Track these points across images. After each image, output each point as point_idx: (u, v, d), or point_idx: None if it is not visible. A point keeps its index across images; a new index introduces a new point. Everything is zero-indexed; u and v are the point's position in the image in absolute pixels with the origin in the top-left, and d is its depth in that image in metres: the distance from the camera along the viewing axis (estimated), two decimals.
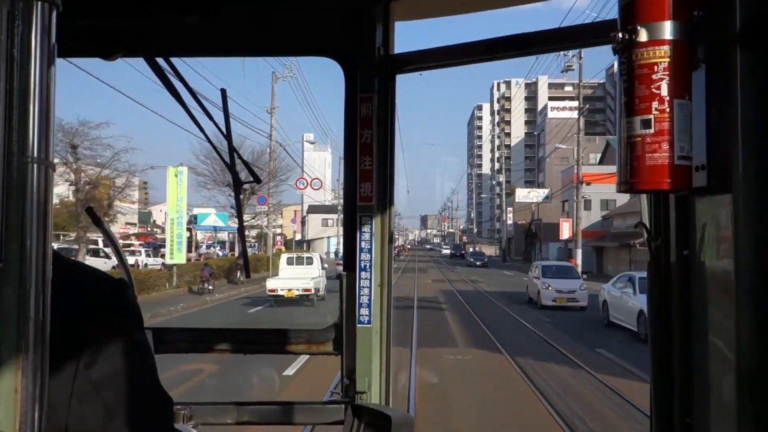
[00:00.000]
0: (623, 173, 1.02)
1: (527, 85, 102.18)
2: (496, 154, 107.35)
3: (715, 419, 1.02)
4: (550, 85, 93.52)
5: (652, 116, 0.98)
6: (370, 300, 1.81)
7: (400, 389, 8.80)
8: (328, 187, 68.97)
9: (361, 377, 1.79)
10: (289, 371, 9.92)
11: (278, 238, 57.47)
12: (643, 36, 0.98)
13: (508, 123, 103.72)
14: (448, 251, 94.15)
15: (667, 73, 0.97)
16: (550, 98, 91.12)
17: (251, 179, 1.84)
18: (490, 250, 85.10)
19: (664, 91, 0.98)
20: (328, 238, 65.57)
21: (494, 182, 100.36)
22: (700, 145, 1.00)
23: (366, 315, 1.81)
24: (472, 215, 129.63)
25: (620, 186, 1.03)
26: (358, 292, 1.82)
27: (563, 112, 74.90)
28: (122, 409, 0.79)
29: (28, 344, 0.58)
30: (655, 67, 0.98)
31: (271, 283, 19.93)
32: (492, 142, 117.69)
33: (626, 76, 1.01)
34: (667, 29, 0.97)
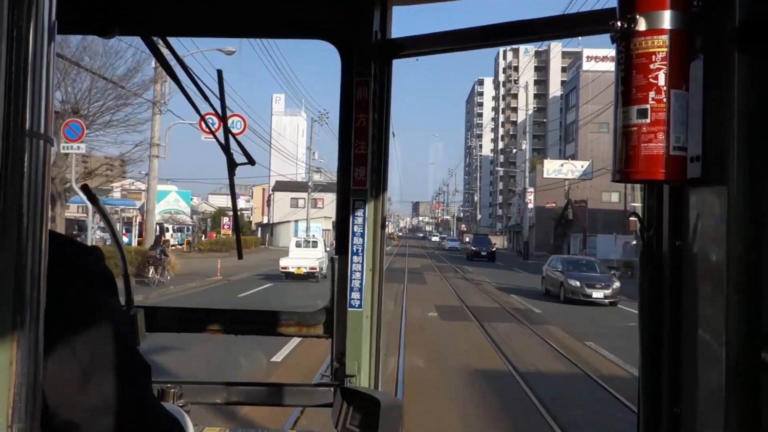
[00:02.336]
0: (618, 162, 1.15)
1: (537, 54, 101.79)
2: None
3: (702, 409, 1.16)
4: (564, 54, 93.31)
5: (648, 106, 1.11)
6: (361, 284, 1.98)
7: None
8: (300, 159, 60.56)
9: (350, 361, 1.96)
10: None
11: (225, 219, 53.86)
12: (641, 25, 1.11)
13: (515, 96, 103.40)
14: (455, 243, 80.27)
15: (665, 62, 1.10)
16: (564, 69, 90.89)
17: (245, 161, 1.99)
18: (496, 242, 71.72)
19: (662, 80, 1.11)
20: (296, 221, 56.84)
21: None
22: (695, 136, 1.13)
23: (357, 299, 1.98)
24: (476, 198, 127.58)
25: (615, 175, 1.16)
26: (350, 276, 1.99)
27: (603, 63, 60.35)
28: (99, 371, 0.90)
29: (24, 318, 0.64)
30: (653, 56, 1.11)
31: (283, 262, 26.12)
32: (496, 115, 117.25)
33: (624, 65, 1.14)
34: (666, 18, 1.10)
